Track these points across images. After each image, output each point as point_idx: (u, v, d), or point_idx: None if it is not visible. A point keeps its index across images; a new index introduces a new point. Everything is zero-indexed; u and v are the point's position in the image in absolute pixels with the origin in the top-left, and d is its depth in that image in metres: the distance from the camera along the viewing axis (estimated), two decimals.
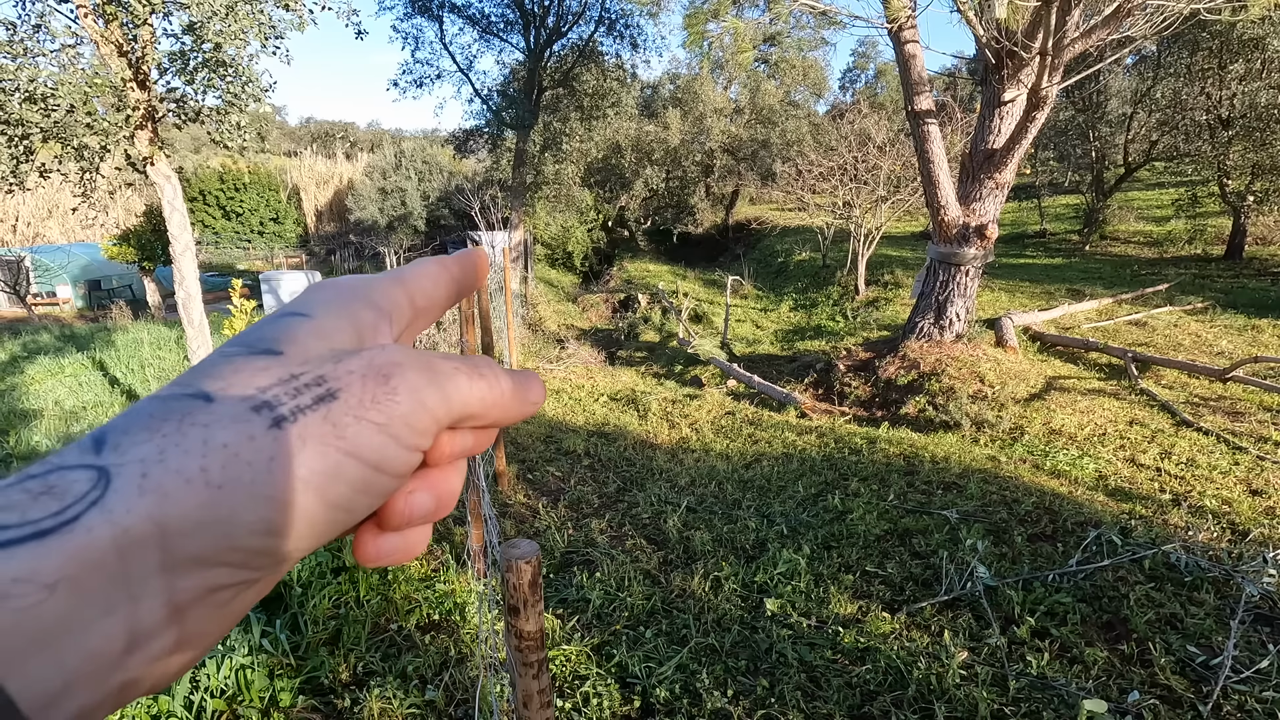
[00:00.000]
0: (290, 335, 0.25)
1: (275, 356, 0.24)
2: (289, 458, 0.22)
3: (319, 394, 0.23)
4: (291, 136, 58.85)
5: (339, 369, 0.24)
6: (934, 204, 7.79)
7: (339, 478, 0.23)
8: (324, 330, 0.26)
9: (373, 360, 0.25)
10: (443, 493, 0.28)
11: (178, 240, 6.77)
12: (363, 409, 0.24)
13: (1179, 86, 14.54)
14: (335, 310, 0.27)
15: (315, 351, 0.25)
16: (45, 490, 0.19)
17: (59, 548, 0.18)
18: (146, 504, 0.20)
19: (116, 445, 0.21)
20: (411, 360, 0.26)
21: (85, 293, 20.71)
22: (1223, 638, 2.76)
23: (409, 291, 0.30)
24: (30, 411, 8.27)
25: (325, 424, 0.23)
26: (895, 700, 2.54)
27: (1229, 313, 10.25)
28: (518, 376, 0.29)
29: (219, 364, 0.24)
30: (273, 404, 0.23)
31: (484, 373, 0.28)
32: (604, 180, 27.17)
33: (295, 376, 0.24)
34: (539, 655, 1.39)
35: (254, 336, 0.25)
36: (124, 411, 0.23)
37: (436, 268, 0.32)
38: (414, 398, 0.25)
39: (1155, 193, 21.43)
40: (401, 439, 0.24)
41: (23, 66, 5.67)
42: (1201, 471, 5.13)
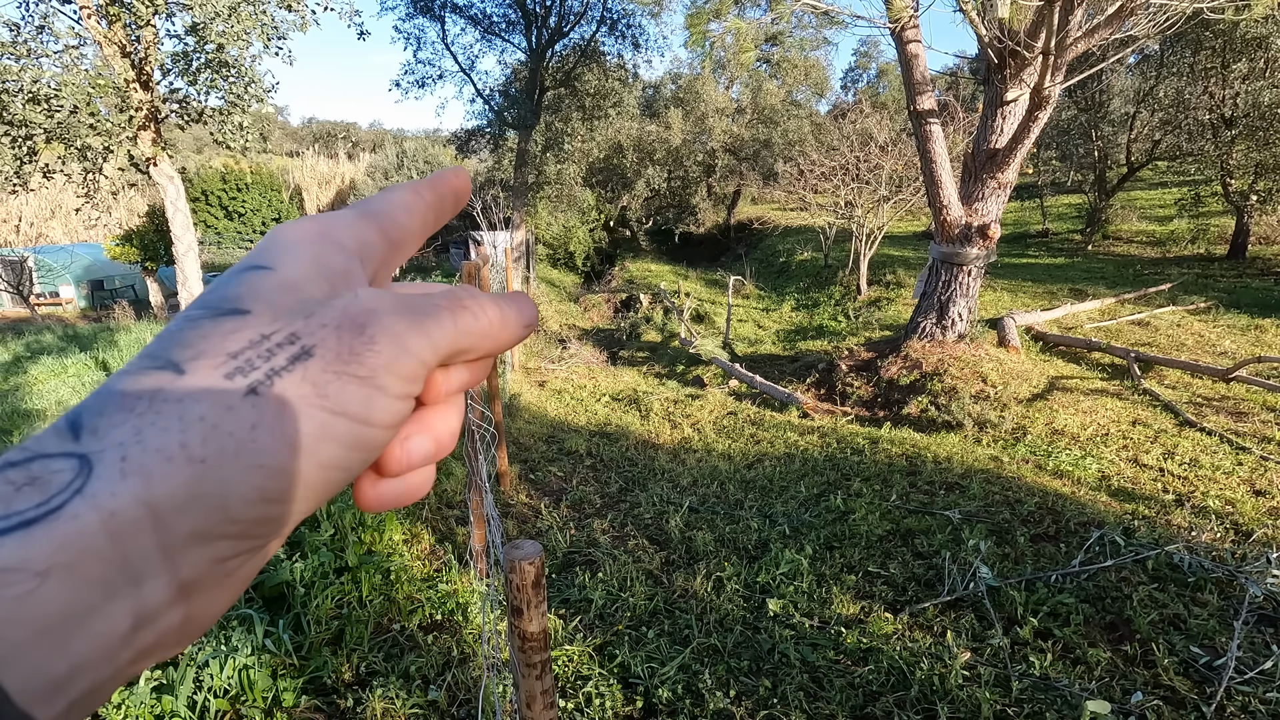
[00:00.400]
0: (255, 291, 0.24)
1: (243, 316, 0.23)
2: (272, 423, 0.21)
3: (293, 353, 0.22)
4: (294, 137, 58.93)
5: (311, 323, 0.23)
6: (936, 204, 7.78)
7: (328, 437, 0.22)
8: (290, 283, 0.24)
9: (346, 310, 0.24)
10: (441, 433, 0.27)
11: (180, 240, 6.78)
12: (342, 363, 0.23)
13: (1182, 86, 14.51)
14: (300, 258, 0.25)
15: (285, 306, 0.23)
16: (28, 481, 0.19)
17: (47, 536, 0.18)
18: (131, 486, 0.20)
19: (94, 429, 0.20)
20: (387, 304, 0.24)
21: (88, 293, 20.76)
22: (1226, 638, 2.76)
23: (379, 225, 0.28)
24: (33, 411, 8.29)
25: (304, 384, 0.22)
26: (898, 701, 2.54)
27: (1232, 312, 10.23)
28: (505, 300, 0.28)
29: (185, 330, 0.23)
30: (246, 369, 0.22)
31: (467, 304, 0.26)
32: (606, 180, 27.17)
33: (266, 337, 0.22)
34: (542, 656, 1.39)
35: (216, 296, 0.24)
36: (96, 390, 0.22)
37: (408, 194, 0.30)
38: (395, 344, 0.24)
39: (1158, 192, 21.39)
40: (388, 389, 0.23)
41: (26, 67, 5.69)
42: (1205, 472, 5.12)
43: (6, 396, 9.42)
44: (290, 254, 0.25)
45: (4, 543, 0.18)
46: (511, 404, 7.44)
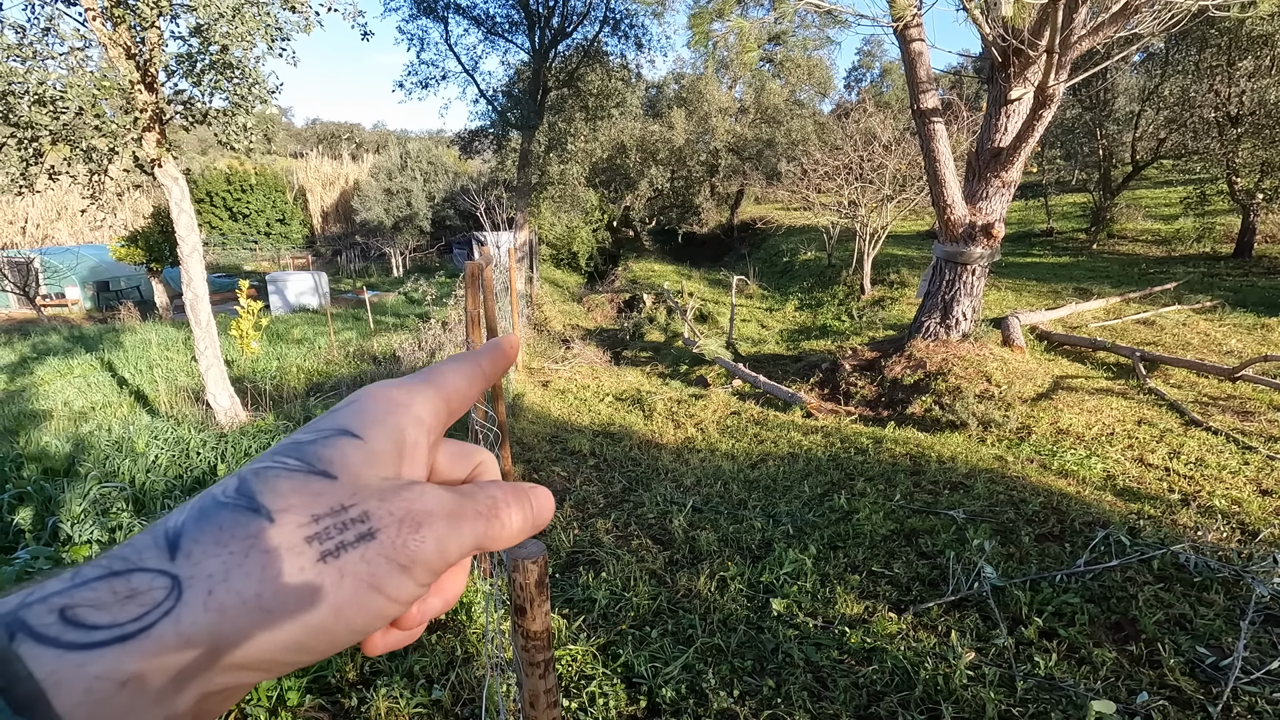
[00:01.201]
0: (344, 460, 0.28)
1: (330, 481, 0.27)
2: (329, 591, 0.25)
3: (361, 532, 0.27)
4: (298, 138, 59.07)
5: (382, 509, 0.27)
6: (940, 203, 7.76)
7: (363, 608, 0.26)
8: (373, 455, 0.29)
9: (410, 506, 0.28)
10: (450, 593, 0.33)
11: (185, 241, 6.80)
12: (394, 551, 0.27)
13: (1187, 84, 14.44)
14: (383, 430, 0.30)
15: (364, 479, 0.28)
16: (129, 594, 0.23)
17: (136, 651, 0.22)
18: (208, 620, 0.23)
19: (189, 553, 0.24)
20: (442, 510, 0.29)
21: (94, 294, 20.85)
22: (1233, 638, 2.75)
23: (446, 397, 0.33)
24: (40, 412, 8.33)
25: (361, 562, 0.26)
26: (902, 701, 2.54)
27: (1238, 311, 10.19)
28: (528, 507, 0.33)
29: (280, 477, 0.27)
30: (323, 537, 0.26)
31: (501, 515, 0.31)
32: (609, 180, 27.17)
33: (345, 509, 0.27)
34: (545, 655, 1.39)
35: (312, 454, 0.28)
36: (195, 510, 0.26)
37: (470, 367, 0.35)
38: (437, 545, 0.28)
39: (1163, 191, 21.31)
40: (418, 579, 0.28)
41: (32, 69, 5.70)
42: (1210, 471, 5.10)
43: (14, 397, 9.46)
44: (377, 425, 0.30)
45: (104, 654, 0.22)
46: (515, 404, 7.45)
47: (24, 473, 4.85)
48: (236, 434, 5.73)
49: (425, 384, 0.33)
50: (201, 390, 7.76)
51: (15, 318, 19.23)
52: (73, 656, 0.21)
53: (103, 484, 4.37)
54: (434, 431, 0.32)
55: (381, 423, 0.30)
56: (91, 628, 0.22)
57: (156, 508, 4.17)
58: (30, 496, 4.22)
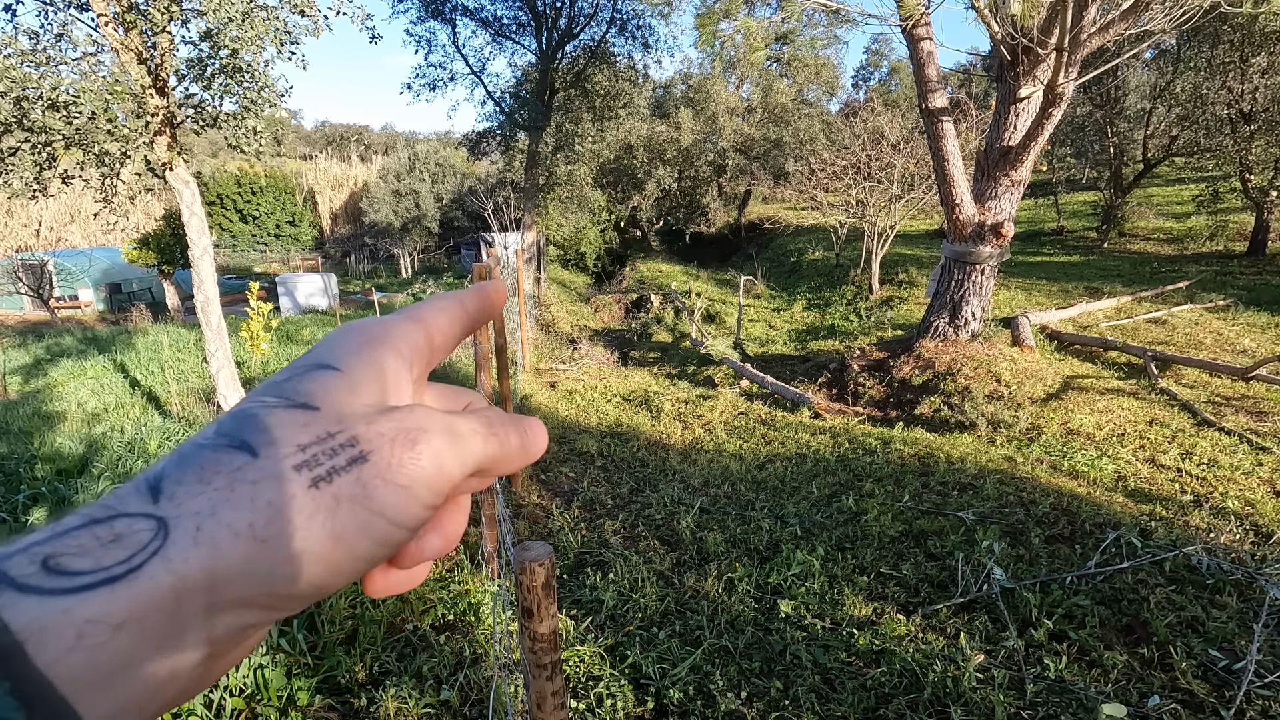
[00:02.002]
0: (324, 391, 0.27)
1: (312, 412, 0.26)
2: (325, 515, 0.24)
3: (352, 455, 0.25)
4: (307, 140, 59.43)
5: (371, 430, 0.26)
6: (949, 202, 7.72)
7: (365, 533, 0.25)
8: (354, 384, 0.28)
9: (402, 423, 0.27)
10: (449, 532, 0.31)
11: (196, 244, 6.85)
12: (390, 471, 0.26)
13: (1199, 80, 14.30)
14: (362, 361, 0.29)
15: (348, 408, 0.27)
16: (113, 538, 0.22)
17: (126, 593, 0.21)
18: (200, 555, 0.22)
19: (172, 495, 0.23)
20: (437, 426, 0.28)
21: (106, 296, 21.05)
22: (1245, 641, 2.72)
23: (427, 331, 0.32)
24: (54, 413, 8.41)
25: (357, 484, 0.25)
26: (910, 703, 2.53)
27: (1251, 310, 10.08)
28: (524, 431, 0.32)
29: (260, 415, 0.26)
30: (311, 464, 0.25)
31: (497, 431, 0.30)
32: (616, 181, 27.19)
33: (331, 435, 0.26)
34: (553, 656, 1.40)
35: (289, 389, 0.27)
36: (175, 455, 0.25)
37: (452, 304, 0.34)
38: (435, 461, 0.27)
39: (1175, 189, 21.11)
40: (421, 499, 0.27)
41: (46, 75, 5.77)
42: (1223, 472, 5.05)
43: (28, 399, 9.56)
44: (354, 356, 0.29)
45: (91, 597, 0.21)
46: (523, 405, 7.47)
47: (38, 473, 4.90)
48: None
49: (404, 319, 0.32)
50: (213, 391, 7.82)
51: (30, 320, 19.44)
52: (57, 601, 0.20)
53: (116, 484, 4.41)
54: (417, 365, 0.31)
55: (359, 354, 0.29)
56: (76, 573, 0.21)
57: None
58: (44, 497, 4.27)
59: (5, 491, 4.42)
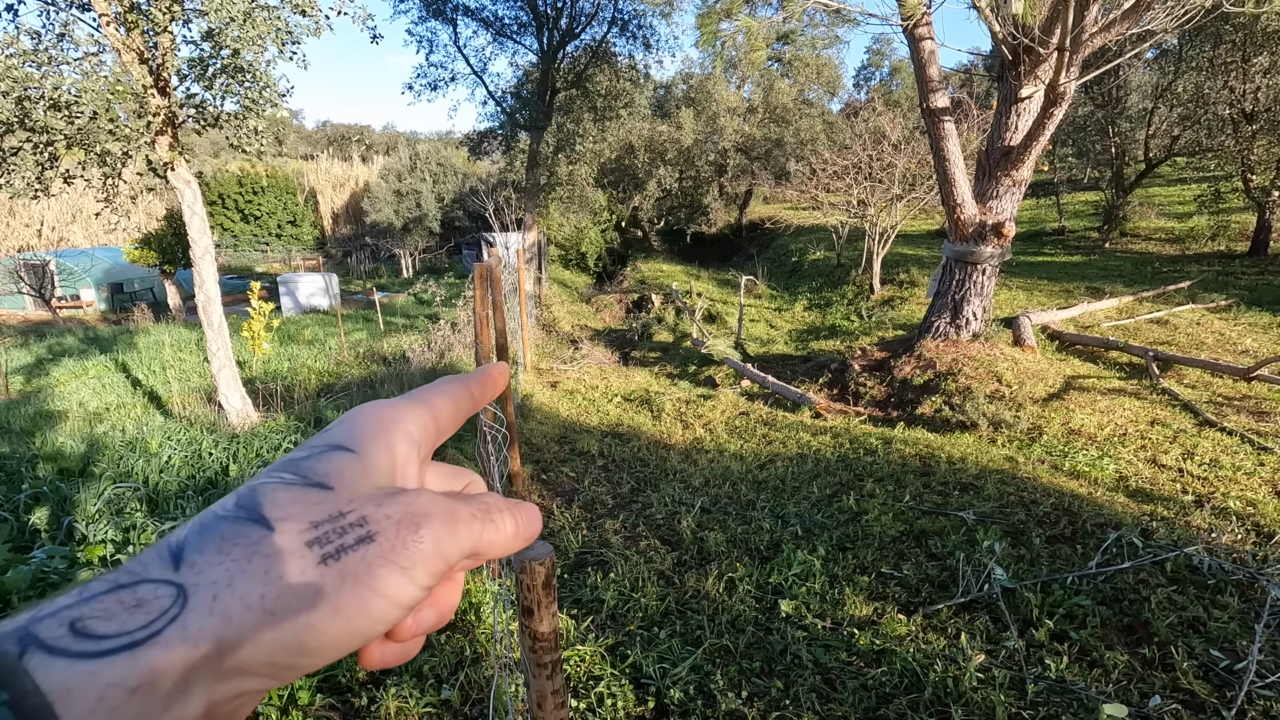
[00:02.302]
0: (339, 472, 0.29)
1: (326, 491, 0.28)
2: (330, 592, 0.26)
3: (360, 535, 0.27)
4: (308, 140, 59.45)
5: (380, 512, 0.28)
6: (950, 202, 7.72)
7: (364, 611, 0.27)
8: (367, 467, 0.30)
9: (408, 508, 0.29)
10: (444, 607, 0.33)
11: (197, 244, 6.86)
12: (393, 553, 0.28)
13: (1201, 80, 14.28)
14: (376, 445, 0.31)
15: (360, 489, 0.29)
16: (136, 603, 0.24)
17: (145, 658, 0.23)
18: (214, 624, 0.24)
19: (193, 563, 0.25)
20: (438, 511, 0.30)
21: (108, 295, 21.07)
22: (1247, 642, 2.72)
23: (435, 416, 0.35)
24: (56, 413, 8.42)
25: (362, 564, 0.27)
26: (911, 703, 2.53)
27: (1253, 310, 10.07)
28: (519, 517, 0.34)
29: (279, 491, 0.28)
30: (323, 541, 0.27)
31: (494, 517, 0.32)
32: (617, 181, 27.18)
33: (343, 515, 0.28)
34: (553, 656, 1.40)
35: (307, 468, 0.29)
36: (197, 525, 0.27)
37: (459, 389, 0.37)
38: (435, 547, 0.29)
39: (1177, 189, 21.08)
40: (418, 580, 0.28)
41: (47, 75, 5.78)
42: (1225, 472, 5.04)
43: (30, 398, 9.58)
44: (370, 440, 0.31)
45: (114, 661, 0.22)
46: (524, 405, 7.47)
47: (40, 472, 4.91)
48: (248, 434, 5.78)
49: (415, 403, 0.35)
50: (214, 391, 7.82)
51: (32, 320, 19.47)
52: (84, 665, 0.22)
53: (117, 484, 4.42)
54: (423, 447, 0.34)
55: (373, 438, 0.31)
56: (101, 637, 0.23)
57: (170, 507, 4.22)
58: (46, 496, 4.28)
59: (7, 490, 4.43)
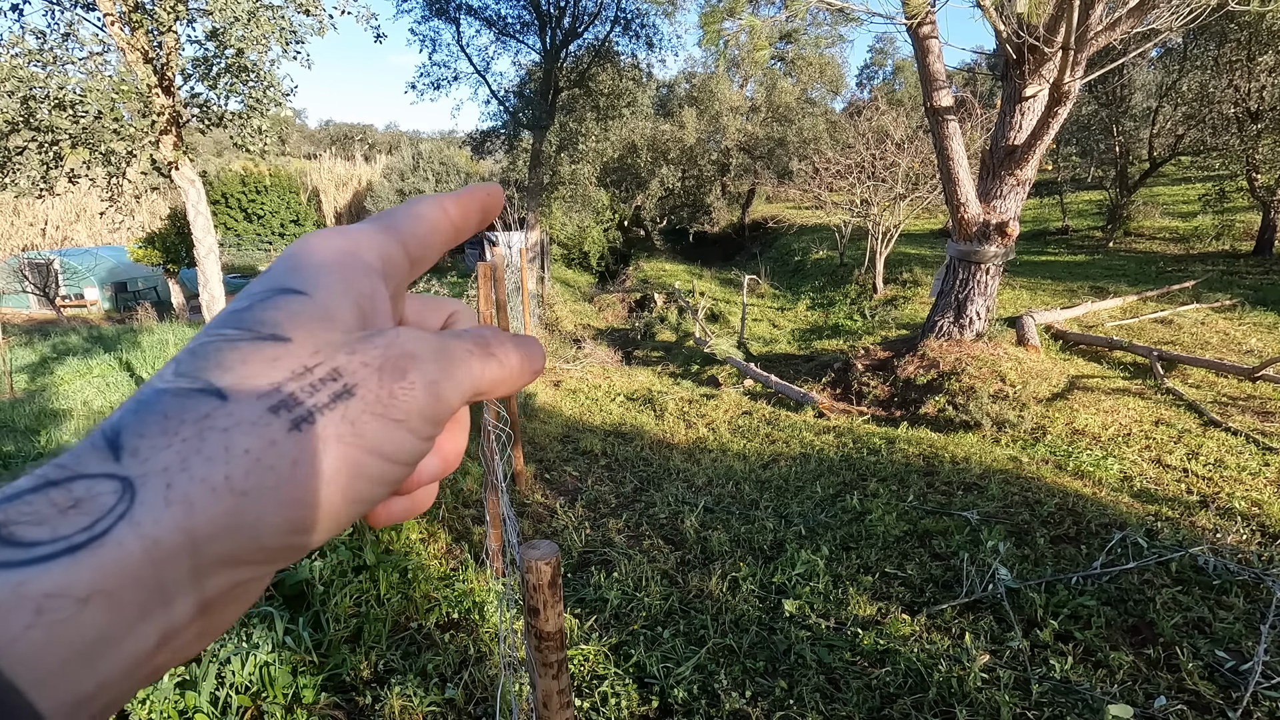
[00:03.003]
0: (292, 319, 0.24)
1: (283, 344, 0.23)
2: (312, 460, 0.22)
3: (336, 390, 0.23)
4: (311, 139, 59.55)
5: (354, 360, 0.23)
6: (953, 201, 7.70)
7: (359, 475, 0.23)
8: (326, 309, 0.25)
9: (388, 351, 0.24)
10: (449, 453, 0.29)
11: (201, 243, 6.88)
12: (381, 406, 0.23)
13: (1206, 79, 14.24)
14: (332, 283, 0.25)
15: (324, 337, 0.24)
16: (72, 504, 0.20)
17: (90, 562, 0.19)
18: (174, 515, 0.20)
19: (135, 450, 0.21)
20: (427, 350, 0.25)
21: (112, 295, 21.12)
22: (1252, 642, 2.71)
23: (402, 241, 0.29)
24: (60, 411, 8.45)
25: (344, 423, 0.22)
26: (915, 703, 2.52)
27: (1258, 310, 10.03)
28: (522, 349, 0.29)
29: (224, 350, 0.23)
30: (290, 403, 0.22)
31: (494, 351, 0.27)
32: (620, 180, 27.17)
33: (309, 370, 0.23)
34: (558, 655, 1.40)
35: (252, 319, 0.24)
36: (132, 404, 0.22)
37: (433, 210, 0.30)
38: (430, 391, 0.24)
39: (1181, 188, 21.02)
40: (419, 432, 0.24)
41: (52, 74, 5.80)
42: (1230, 472, 5.03)
43: (34, 396, 9.61)
44: (322, 276, 0.25)
45: (50, 568, 0.18)
46: (527, 404, 7.47)
47: None
48: None
49: (375, 229, 0.28)
50: None
51: (36, 318, 19.53)
52: (9, 575, 0.18)
53: None
54: (392, 279, 0.28)
55: (327, 274, 0.25)
56: (31, 544, 0.19)
57: None
58: None
59: None
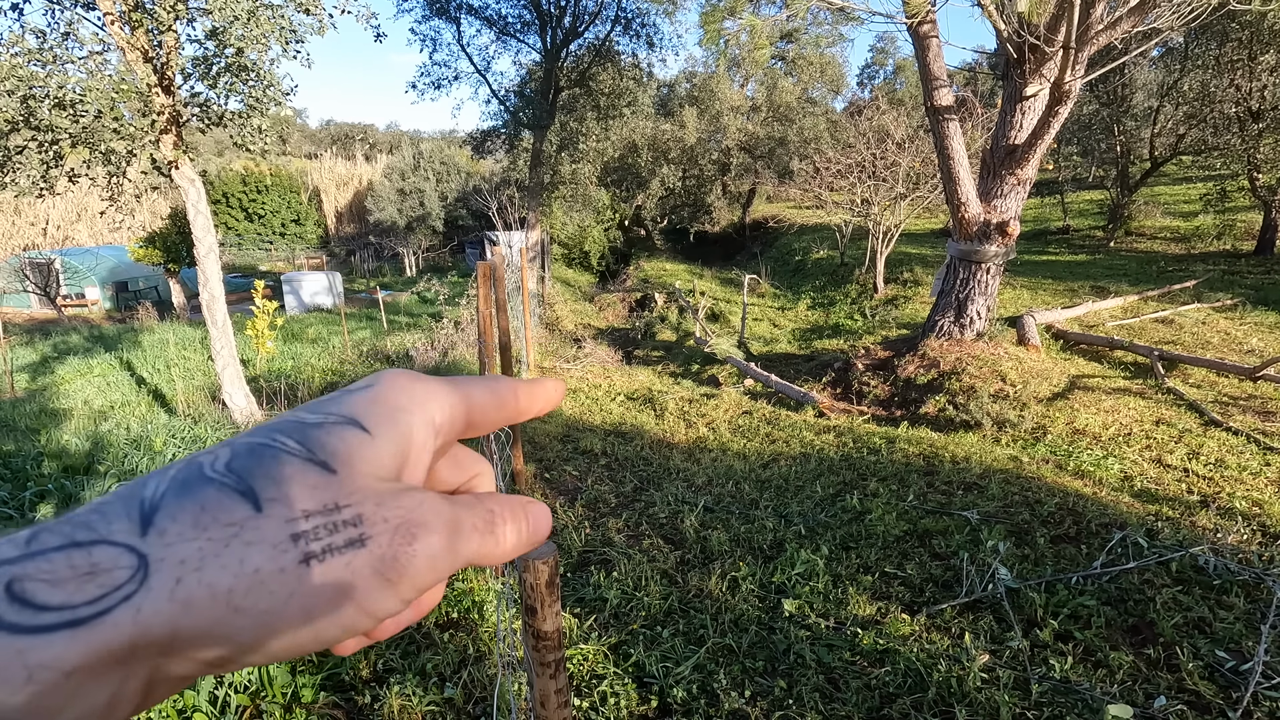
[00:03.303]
0: (347, 453, 0.26)
1: (328, 474, 0.25)
2: (306, 597, 0.23)
3: (351, 536, 0.25)
4: (312, 139, 59.57)
5: (378, 514, 0.25)
6: (954, 201, 7.69)
7: (336, 621, 0.24)
8: (378, 453, 0.27)
9: (408, 515, 0.26)
10: (423, 607, 0.31)
11: (201, 242, 6.88)
12: (382, 564, 0.25)
13: (1207, 79, 14.22)
14: (393, 427, 0.28)
15: (363, 480, 0.26)
16: (88, 570, 0.21)
17: (85, 638, 0.20)
18: (171, 610, 0.22)
19: (163, 531, 0.23)
20: (440, 522, 0.27)
21: (113, 294, 21.13)
22: (1253, 642, 2.70)
23: (469, 409, 0.31)
24: (61, 410, 8.46)
25: (346, 570, 0.24)
26: (915, 703, 2.52)
27: (1259, 310, 10.02)
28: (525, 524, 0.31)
29: (278, 462, 0.25)
30: (310, 537, 0.24)
31: (497, 531, 0.29)
32: (620, 180, 27.18)
33: (339, 508, 0.25)
34: (556, 655, 1.40)
35: (316, 440, 0.26)
36: (177, 482, 0.24)
37: (507, 390, 0.33)
38: (430, 562, 0.26)
39: (1182, 187, 21.00)
40: (402, 594, 0.26)
41: (52, 74, 5.80)
42: (1230, 472, 5.02)
43: (35, 396, 9.62)
44: (387, 422, 0.28)
45: (50, 640, 0.20)
46: None
47: (45, 470, 4.93)
48: None
49: (451, 388, 0.31)
50: (218, 389, 7.84)
51: (37, 318, 19.54)
52: (14, 641, 0.20)
53: (121, 482, 4.43)
54: (444, 436, 0.30)
55: (392, 418, 0.28)
56: (41, 608, 0.20)
57: None
58: (51, 494, 4.29)
59: (13, 488, 4.45)
